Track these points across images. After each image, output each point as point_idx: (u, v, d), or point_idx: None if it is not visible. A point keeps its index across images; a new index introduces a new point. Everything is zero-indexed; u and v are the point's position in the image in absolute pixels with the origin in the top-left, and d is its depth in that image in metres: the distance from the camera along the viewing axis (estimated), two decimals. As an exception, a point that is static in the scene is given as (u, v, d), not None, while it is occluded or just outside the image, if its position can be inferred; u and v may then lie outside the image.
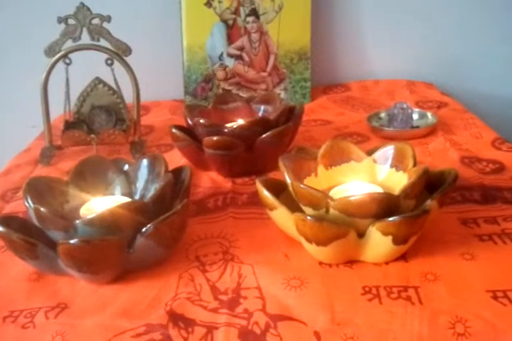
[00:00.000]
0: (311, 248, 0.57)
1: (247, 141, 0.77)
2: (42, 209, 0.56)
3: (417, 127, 0.94)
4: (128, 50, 0.88)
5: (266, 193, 0.60)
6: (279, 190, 0.62)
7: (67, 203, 0.64)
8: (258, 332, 0.50)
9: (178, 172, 0.67)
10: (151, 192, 0.63)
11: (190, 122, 0.82)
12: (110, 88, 0.93)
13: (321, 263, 0.58)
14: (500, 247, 0.59)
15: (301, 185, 0.57)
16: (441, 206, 0.58)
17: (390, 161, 0.64)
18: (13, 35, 1.19)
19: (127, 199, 0.63)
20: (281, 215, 0.59)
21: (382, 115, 0.99)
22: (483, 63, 1.26)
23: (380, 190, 0.60)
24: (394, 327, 0.49)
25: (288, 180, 0.60)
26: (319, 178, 0.65)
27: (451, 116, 1.00)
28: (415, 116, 0.96)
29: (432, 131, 0.92)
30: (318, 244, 0.55)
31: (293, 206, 0.59)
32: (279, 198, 0.60)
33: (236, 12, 1.11)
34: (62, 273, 0.58)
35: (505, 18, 1.22)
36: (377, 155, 0.65)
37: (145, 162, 0.67)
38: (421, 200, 0.57)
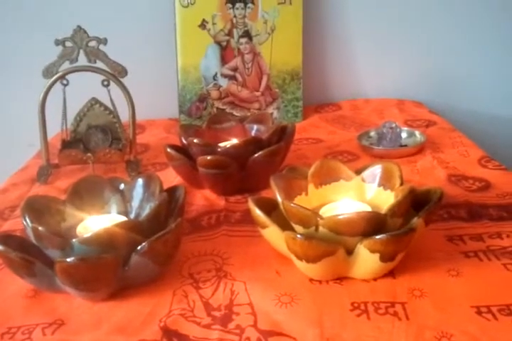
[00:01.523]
0: (302, 265, 0.58)
1: (240, 160, 0.79)
2: (40, 228, 0.57)
3: (406, 146, 0.96)
4: (124, 72, 0.90)
5: (258, 212, 0.61)
6: (270, 208, 0.64)
7: (64, 222, 0.65)
8: (250, 347, 0.51)
9: (172, 191, 0.68)
10: (146, 210, 0.64)
11: (184, 141, 0.84)
12: (106, 108, 0.94)
13: (311, 279, 0.60)
14: (485, 264, 0.61)
15: (292, 204, 0.59)
16: (427, 224, 0.60)
17: (377, 180, 0.66)
18: (12, 56, 1.21)
19: (123, 218, 0.65)
20: (272, 233, 0.60)
21: (372, 134, 1.01)
22: (471, 82, 1.29)
23: (369, 209, 0.62)
24: (381, 342, 0.50)
25: (279, 199, 0.62)
26: (310, 197, 0.67)
27: (440, 134, 1.02)
28: (404, 135, 0.98)
29: (420, 150, 0.94)
30: (308, 261, 0.57)
31: (284, 224, 0.61)
32: (270, 216, 0.61)
33: (229, 34, 1.14)
34: (59, 290, 0.59)
35: (493, 37, 1.25)
36: (365, 174, 0.67)
37: (140, 181, 0.69)
38: (408, 218, 0.59)
